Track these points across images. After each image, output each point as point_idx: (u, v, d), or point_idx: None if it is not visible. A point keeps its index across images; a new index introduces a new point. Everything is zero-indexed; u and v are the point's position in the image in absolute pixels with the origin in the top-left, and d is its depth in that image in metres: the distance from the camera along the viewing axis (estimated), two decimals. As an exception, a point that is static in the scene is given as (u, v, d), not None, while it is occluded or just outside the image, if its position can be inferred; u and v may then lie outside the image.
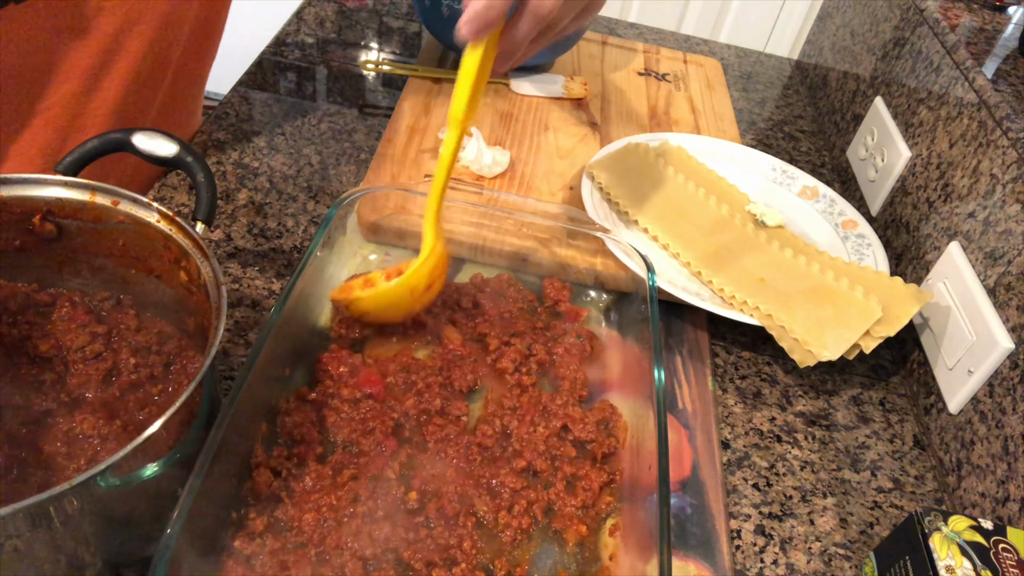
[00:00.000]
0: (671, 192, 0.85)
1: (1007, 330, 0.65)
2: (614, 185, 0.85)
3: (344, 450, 0.56)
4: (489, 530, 0.54)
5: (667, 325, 0.76)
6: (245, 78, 0.98)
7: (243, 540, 0.49)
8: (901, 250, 0.86)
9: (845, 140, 1.06)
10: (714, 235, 0.81)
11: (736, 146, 0.97)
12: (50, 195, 0.55)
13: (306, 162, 0.87)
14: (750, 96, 1.19)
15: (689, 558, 0.58)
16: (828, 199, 0.90)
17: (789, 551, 0.61)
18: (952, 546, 0.53)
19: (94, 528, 0.44)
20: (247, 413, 0.51)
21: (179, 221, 0.54)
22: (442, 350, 0.64)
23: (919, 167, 0.86)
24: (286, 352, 0.59)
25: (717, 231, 0.82)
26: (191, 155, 0.59)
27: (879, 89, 1.00)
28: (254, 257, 0.74)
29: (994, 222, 0.70)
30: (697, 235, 0.81)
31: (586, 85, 1.06)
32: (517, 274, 0.73)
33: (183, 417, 0.46)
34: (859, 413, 0.74)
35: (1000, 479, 0.62)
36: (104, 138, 0.58)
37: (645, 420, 0.57)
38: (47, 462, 0.50)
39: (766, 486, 0.65)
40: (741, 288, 0.74)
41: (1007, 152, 0.71)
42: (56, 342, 0.56)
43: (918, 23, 0.94)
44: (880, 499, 0.67)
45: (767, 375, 0.75)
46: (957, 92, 0.82)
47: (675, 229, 0.81)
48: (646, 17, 1.67)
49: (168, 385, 0.56)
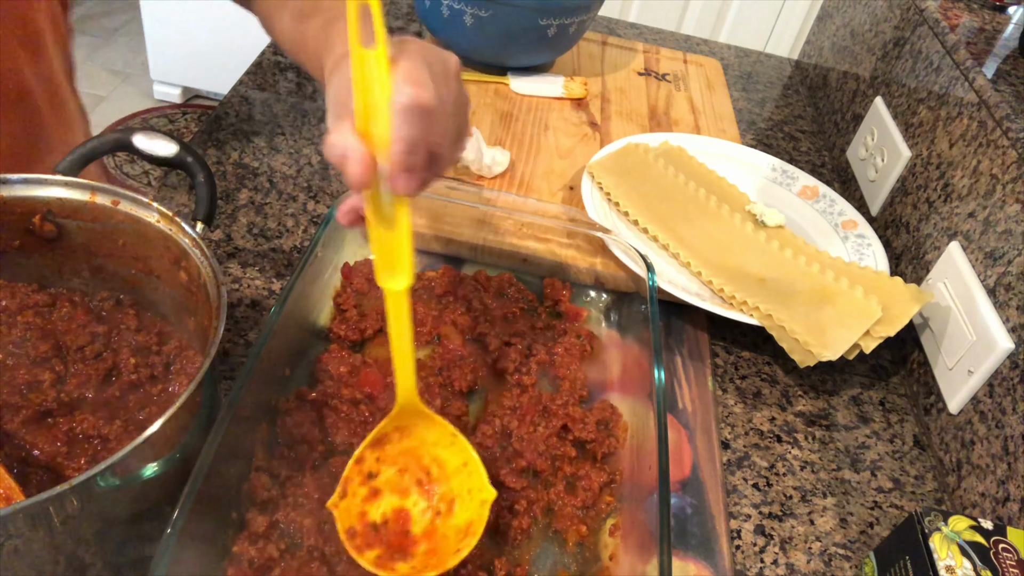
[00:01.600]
0: (671, 192, 0.85)
1: (1007, 330, 0.65)
2: (614, 185, 0.85)
3: (344, 452, 0.56)
4: (489, 530, 0.54)
5: (667, 325, 0.76)
6: (245, 78, 0.98)
7: (242, 544, 0.49)
8: (901, 250, 0.86)
9: (845, 140, 1.06)
10: (714, 235, 0.81)
11: (736, 146, 0.97)
12: (50, 195, 0.55)
13: (306, 162, 0.87)
14: (750, 96, 1.19)
15: (689, 558, 0.58)
16: (828, 199, 0.90)
17: (789, 551, 0.61)
18: (952, 546, 0.53)
19: (94, 528, 0.44)
20: (247, 413, 0.51)
21: (179, 221, 0.54)
22: (442, 350, 0.64)
23: (919, 167, 0.86)
24: (286, 352, 0.59)
25: (717, 231, 0.82)
26: (191, 155, 0.59)
27: (879, 89, 1.00)
28: (254, 257, 0.74)
29: (994, 222, 0.70)
30: (697, 235, 0.81)
31: (586, 85, 1.06)
32: (517, 274, 0.73)
33: (183, 417, 0.46)
34: (859, 413, 0.74)
35: (1000, 479, 0.62)
36: (104, 138, 0.59)
37: (645, 420, 0.57)
38: (47, 462, 0.50)
39: (766, 486, 0.65)
40: (741, 288, 0.74)
41: (1007, 152, 0.71)
42: (56, 342, 0.56)
43: (918, 23, 0.94)
44: (880, 499, 0.67)
45: (767, 375, 0.75)
46: (957, 92, 0.81)
47: (675, 229, 0.81)
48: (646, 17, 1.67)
49: (168, 385, 0.56)
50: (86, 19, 2.93)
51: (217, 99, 2.62)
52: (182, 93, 2.59)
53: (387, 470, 0.52)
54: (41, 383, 0.53)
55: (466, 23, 0.96)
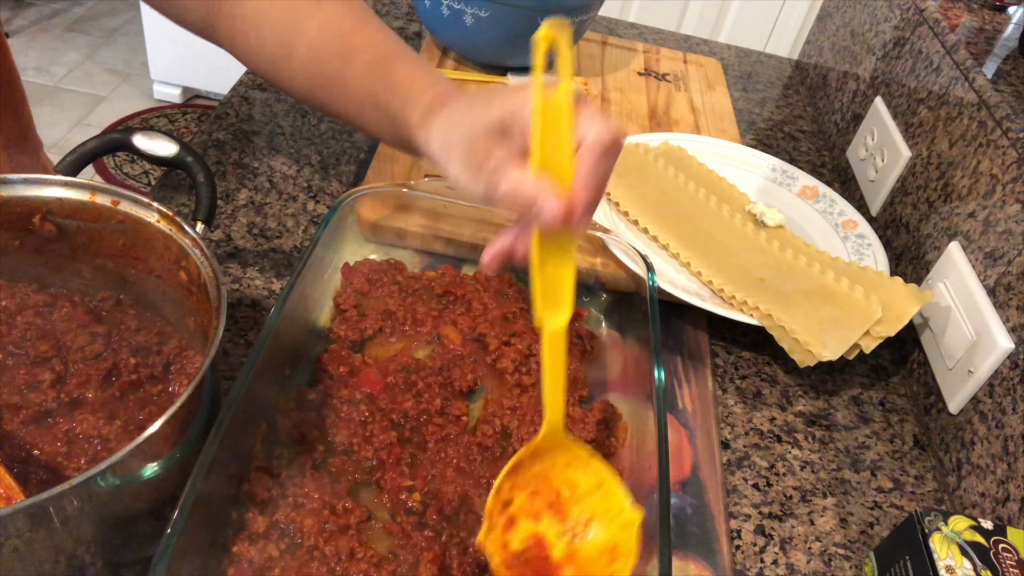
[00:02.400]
0: (671, 192, 0.85)
1: (1007, 330, 0.65)
2: (614, 185, 0.85)
3: (344, 452, 0.56)
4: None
5: (667, 325, 0.76)
6: (245, 78, 0.98)
7: (242, 544, 0.49)
8: (901, 250, 0.86)
9: (845, 140, 1.06)
10: (714, 235, 0.81)
11: (736, 146, 0.97)
12: (50, 195, 0.55)
13: (306, 162, 0.87)
14: (750, 96, 1.19)
15: (689, 558, 0.58)
16: (828, 199, 0.90)
17: (789, 551, 0.61)
18: (952, 546, 0.53)
19: (94, 528, 0.44)
20: (247, 413, 0.51)
21: (179, 221, 0.54)
22: (442, 350, 0.64)
23: (919, 167, 0.86)
24: (286, 352, 0.59)
25: (717, 231, 0.82)
26: (191, 155, 0.59)
27: (879, 89, 1.00)
28: (254, 257, 0.74)
29: (994, 222, 0.70)
30: (697, 235, 0.81)
31: (586, 85, 1.06)
32: (517, 274, 0.73)
33: (183, 417, 0.46)
34: (859, 413, 0.74)
35: (1000, 479, 0.62)
36: (104, 138, 0.59)
37: (645, 420, 0.57)
38: (47, 462, 0.50)
39: (766, 486, 0.65)
40: (741, 288, 0.74)
41: (1007, 152, 0.71)
42: (56, 342, 0.56)
43: (918, 23, 0.94)
44: (880, 499, 0.67)
45: (767, 375, 0.75)
46: (957, 92, 0.82)
47: (675, 229, 0.81)
48: (646, 17, 1.67)
49: (168, 385, 0.56)
50: (86, 19, 2.94)
51: (217, 99, 2.62)
52: (182, 93, 2.59)
53: (519, 495, 0.51)
54: (41, 383, 0.53)
55: (466, 23, 0.96)
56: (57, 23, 2.88)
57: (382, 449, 0.56)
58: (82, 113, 2.49)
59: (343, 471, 0.54)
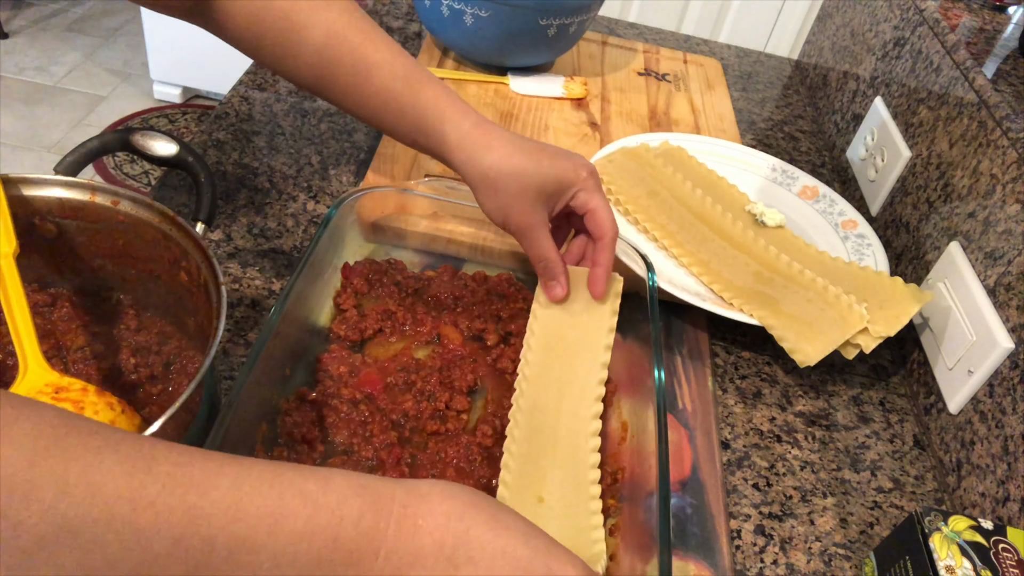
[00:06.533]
0: (671, 192, 0.85)
1: (1007, 330, 0.65)
2: (614, 185, 0.85)
3: (344, 452, 0.56)
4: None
5: (667, 325, 0.76)
6: (245, 78, 0.98)
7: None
8: (901, 250, 0.86)
9: (845, 140, 1.06)
10: (711, 237, 0.81)
11: (736, 146, 0.97)
12: (50, 195, 0.55)
13: (306, 162, 0.87)
14: (750, 96, 1.19)
15: (689, 558, 0.58)
16: (828, 199, 0.90)
17: (789, 551, 0.61)
18: (952, 546, 0.53)
19: (94, 528, 0.44)
20: (247, 413, 0.51)
21: (179, 221, 0.54)
22: (442, 350, 0.64)
23: (919, 167, 0.86)
24: (286, 352, 0.59)
25: (714, 233, 0.82)
26: (191, 155, 0.59)
27: (879, 89, 1.00)
28: (254, 257, 0.74)
29: (994, 222, 0.70)
30: (695, 236, 0.81)
31: (586, 85, 1.06)
32: (517, 274, 0.73)
33: (183, 417, 0.46)
34: (859, 413, 0.74)
35: (1000, 479, 0.62)
36: (104, 138, 0.59)
37: (645, 420, 0.57)
38: (47, 462, 0.50)
39: (766, 486, 0.65)
40: (730, 289, 0.75)
41: (1007, 152, 0.71)
42: (56, 342, 0.56)
43: (918, 23, 0.94)
44: (880, 499, 0.67)
45: (767, 375, 0.75)
46: (957, 92, 0.82)
47: (675, 229, 0.81)
48: (646, 17, 1.67)
49: (168, 385, 0.56)
50: (86, 19, 2.94)
51: (217, 99, 2.62)
52: (182, 93, 2.59)
53: None
54: (41, 383, 0.53)
55: (466, 23, 0.96)
56: (57, 23, 2.88)
57: (382, 449, 0.56)
58: (82, 113, 2.49)
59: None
